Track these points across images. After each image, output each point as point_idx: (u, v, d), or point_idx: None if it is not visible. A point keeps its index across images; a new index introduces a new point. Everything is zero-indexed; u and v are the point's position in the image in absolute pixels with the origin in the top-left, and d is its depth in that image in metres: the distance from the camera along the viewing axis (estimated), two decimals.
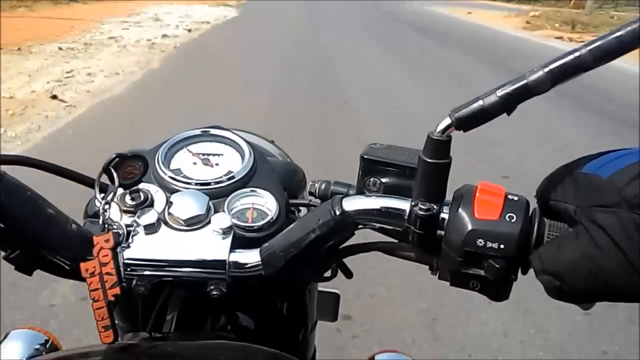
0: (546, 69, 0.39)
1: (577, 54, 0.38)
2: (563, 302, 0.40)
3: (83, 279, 0.47)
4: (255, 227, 0.53)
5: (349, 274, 0.56)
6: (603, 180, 0.38)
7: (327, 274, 0.55)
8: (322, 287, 0.74)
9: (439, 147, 0.42)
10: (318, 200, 0.56)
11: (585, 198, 0.39)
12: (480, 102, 0.41)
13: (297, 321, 0.65)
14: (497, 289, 0.43)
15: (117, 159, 0.50)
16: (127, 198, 0.53)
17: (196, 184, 0.56)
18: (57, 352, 0.61)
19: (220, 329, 0.57)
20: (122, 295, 0.47)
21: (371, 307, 2.05)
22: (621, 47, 0.37)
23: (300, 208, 0.61)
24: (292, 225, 0.50)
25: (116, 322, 0.59)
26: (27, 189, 0.49)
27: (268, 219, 0.54)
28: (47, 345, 0.62)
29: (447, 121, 0.42)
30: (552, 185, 0.42)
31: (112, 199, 0.51)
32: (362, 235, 0.51)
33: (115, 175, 0.50)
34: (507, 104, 0.40)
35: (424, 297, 2.11)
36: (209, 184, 0.56)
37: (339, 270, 0.56)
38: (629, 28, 0.36)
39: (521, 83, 0.40)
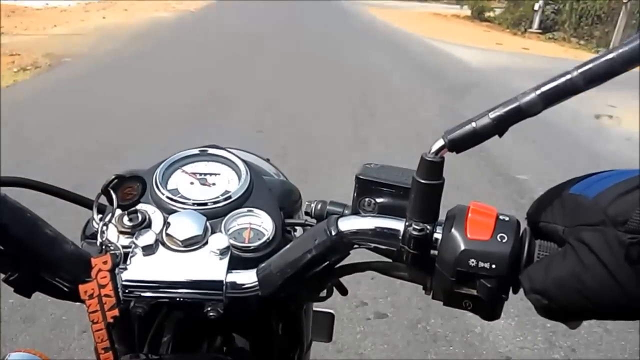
0: (538, 92, 0.40)
1: (568, 76, 0.39)
2: (552, 320, 0.41)
3: (82, 301, 0.48)
4: (252, 247, 0.54)
5: (344, 292, 0.57)
6: (589, 200, 0.39)
7: (323, 293, 0.56)
8: (316, 307, 0.74)
9: (432, 168, 0.43)
10: (314, 220, 0.57)
11: (573, 218, 0.40)
12: (473, 125, 0.42)
13: (293, 342, 0.65)
14: (490, 309, 0.44)
15: (115, 180, 0.50)
16: (125, 219, 0.54)
17: (193, 204, 0.57)
18: None
19: (216, 350, 0.57)
20: (121, 316, 0.48)
21: None
22: (612, 70, 0.38)
23: (297, 228, 0.62)
24: (288, 246, 0.51)
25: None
26: (26, 210, 0.49)
27: (265, 239, 0.55)
28: None
29: (440, 143, 0.43)
30: (541, 207, 0.44)
31: (110, 220, 0.51)
32: (358, 255, 0.52)
33: (114, 196, 0.50)
34: (499, 126, 0.41)
35: None
36: (206, 204, 0.57)
37: (334, 289, 0.57)
38: (619, 51, 0.37)
39: (514, 105, 0.41)
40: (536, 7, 14.29)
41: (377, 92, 6.06)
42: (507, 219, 0.44)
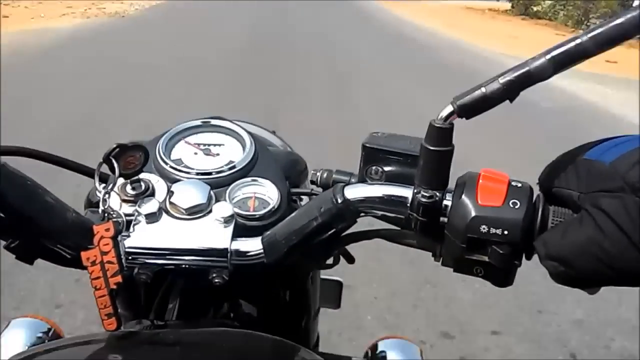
0: (548, 56, 0.39)
1: (578, 40, 0.38)
2: (569, 286, 0.41)
3: (84, 268, 0.47)
4: (257, 216, 0.53)
5: (351, 260, 0.56)
6: (605, 165, 0.38)
7: (330, 261, 0.55)
8: (324, 274, 0.74)
9: (441, 134, 0.42)
10: (320, 189, 0.56)
11: (589, 184, 0.39)
12: (483, 90, 0.40)
13: (300, 308, 0.65)
14: (502, 275, 0.43)
15: (117, 149, 0.50)
16: (128, 188, 0.53)
17: (197, 173, 0.56)
18: (59, 340, 0.61)
19: (223, 317, 0.57)
20: (124, 283, 0.47)
21: None
22: (622, 33, 0.37)
23: (302, 197, 0.61)
24: (294, 214, 0.50)
25: (119, 310, 0.59)
26: (27, 178, 0.48)
27: (270, 207, 0.54)
28: (50, 334, 0.62)
29: (450, 109, 0.42)
30: (554, 173, 0.42)
31: (112, 189, 0.51)
32: (365, 222, 0.51)
33: (115, 165, 0.49)
34: (510, 91, 0.40)
35: None
36: (210, 173, 0.56)
37: (341, 258, 0.56)
38: (629, 15, 0.37)
39: (524, 70, 0.40)
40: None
41: None
42: (519, 185, 0.43)
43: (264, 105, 4.43)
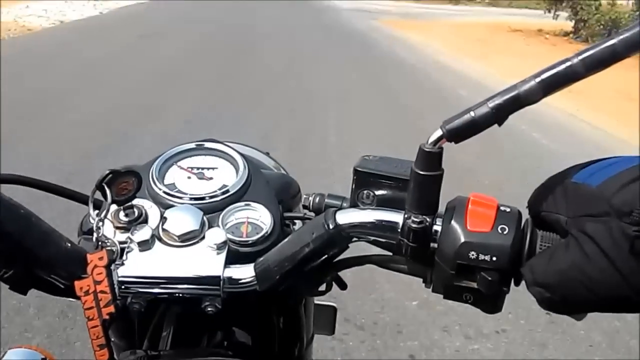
0: (538, 79, 0.39)
1: (568, 63, 0.38)
2: (555, 313, 0.40)
3: (78, 298, 0.47)
4: (250, 242, 0.53)
5: (343, 287, 0.56)
6: (592, 189, 0.38)
7: (322, 287, 0.55)
8: (318, 300, 0.74)
9: (431, 158, 0.42)
10: (312, 214, 0.56)
11: (575, 208, 0.39)
12: (472, 114, 0.41)
13: (294, 336, 0.64)
14: (490, 302, 0.43)
15: (110, 175, 0.50)
16: (121, 214, 0.53)
17: (190, 198, 0.56)
18: None
19: (216, 345, 0.57)
20: (117, 313, 0.47)
21: None
22: (613, 55, 0.37)
23: (295, 221, 0.61)
24: (286, 240, 0.50)
25: (113, 340, 0.59)
26: (20, 207, 0.49)
27: (263, 233, 0.54)
28: None
29: (439, 133, 0.42)
30: (543, 196, 0.42)
31: (105, 216, 0.51)
32: (358, 247, 0.51)
33: (108, 191, 0.50)
34: (499, 115, 0.40)
35: None
36: (203, 198, 0.56)
37: (333, 284, 0.56)
38: (621, 37, 0.36)
39: (513, 94, 0.39)
40: None
41: None
42: (508, 209, 0.43)
43: None
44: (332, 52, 8.48)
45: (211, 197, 0.56)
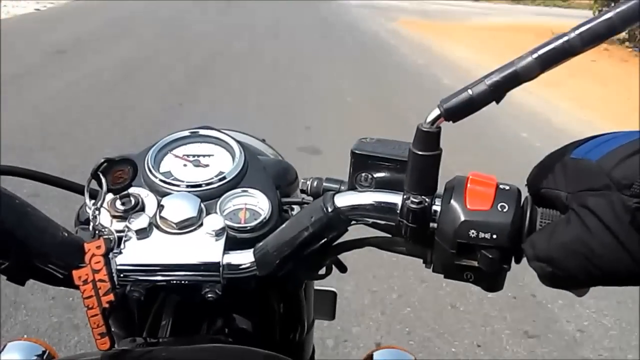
0: (535, 55, 0.39)
1: (565, 38, 0.38)
2: (557, 288, 0.40)
3: (77, 287, 0.47)
4: (248, 228, 0.53)
5: (343, 269, 0.56)
6: (592, 163, 0.38)
7: (322, 271, 0.55)
8: (318, 285, 0.74)
9: (429, 138, 0.42)
10: (310, 198, 0.56)
11: (575, 183, 0.39)
12: (469, 92, 0.40)
13: (294, 321, 0.64)
14: (492, 280, 0.43)
15: (105, 164, 0.49)
16: (118, 203, 0.53)
17: (187, 186, 0.55)
18: None
19: (216, 332, 0.57)
20: (117, 301, 0.47)
21: None
22: (610, 29, 0.37)
23: (293, 206, 0.61)
24: (285, 225, 0.50)
25: (113, 328, 0.59)
26: (15, 198, 0.48)
27: (261, 218, 0.54)
28: (44, 357, 0.62)
29: (436, 112, 0.41)
30: (542, 173, 0.42)
31: (101, 205, 0.50)
32: (357, 230, 0.50)
33: (103, 180, 0.49)
34: (496, 92, 0.40)
35: None
36: (200, 185, 0.56)
37: (333, 267, 0.56)
38: (617, 10, 0.36)
39: (510, 70, 0.39)
40: None
41: None
42: (507, 187, 0.43)
43: None
44: (340, 83, 5.59)
45: (208, 184, 0.56)
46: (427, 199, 0.44)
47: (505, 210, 0.41)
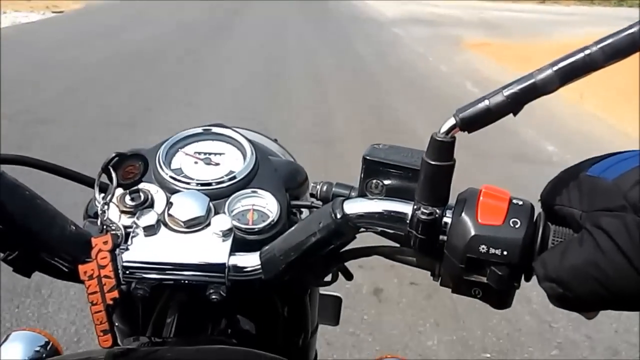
0: (555, 68, 0.38)
1: (587, 51, 0.37)
2: (567, 310, 0.39)
3: (82, 282, 0.47)
4: (256, 230, 0.53)
5: (349, 277, 0.56)
6: (608, 183, 0.37)
7: (328, 278, 0.55)
8: (323, 290, 0.73)
9: (443, 148, 0.41)
10: (320, 202, 0.55)
11: (590, 202, 0.38)
12: (486, 102, 0.39)
13: (298, 326, 0.64)
14: (500, 297, 0.42)
15: (116, 159, 0.49)
16: (127, 198, 0.52)
17: (197, 184, 0.55)
18: (57, 357, 0.61)
19: (220, 333, 0.57)
20: (122, 298, 0.47)
21: None
22: (633, 44, 0.36)
23: (302, 210, 0.60)
24: (292, 229, 0.49)
25: (117, 324, 0.59)
26: (25, 188, 0.48)
27: (269, 221, 0.53)
28: (48, 348, 0.62)
29: (452, 122, 0.41)
30: (556, 190, 0.41)
31: (110, 200, 0.50)
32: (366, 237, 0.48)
33: (114, 174, 0.49)
34: (514, 104, 0.39)
35: None
36: (210, 184, 0.55)
37: (339, 274, 0.55)
38: None
39: (529, 82, 0.38)
40: None
41: None
42: (520, 203, 0.42)
43: None
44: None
45: (218, 182, 0.55)
46: (438, 210, 0.43)
47: (517, 226, 0.40)
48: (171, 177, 0.55)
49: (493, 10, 12.83)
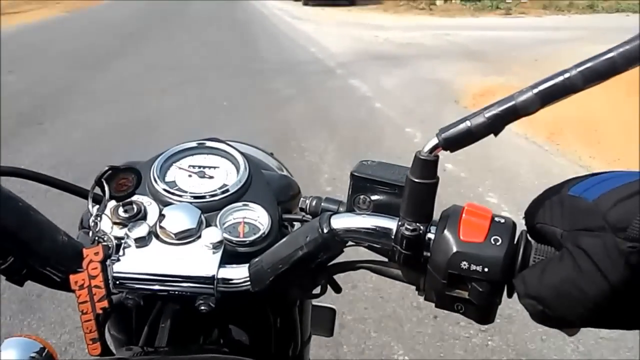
0: (535, 90, 0.38)
1: (567, 75, 0.37)
2: (547, 326, 0.40)
3: (73, 291, 0.48)
4: (247, 242, 0.53)
5: (338, 290, 0.56)
6: (588, 203, 0.37)
7: (316, 290, 0.55)
8: (317, 301, 0.74)
9: (426, 166, 0.42)
10: (310, 217, 0.56)
11: (571, 221, 0.38)
12: (468, 123, 0.40)
13: (289, 336, 0.64)
14: (482, 312, 0.43)
15: (109, 171, 0.50)
16: (120, 210, 0.53)
17: (190, 196, 0.56)
18: None
19: (213, 343, 0.57)
20: (112, 308, 0.47)
21: None
22: (612, 68, 0.36)
23: (294, 223, 0.61)
24: (280, 242, 0.50)
25: (112, 333, 0.59)
26: (18, 199, 0.49)
27: (260, 233, 0.54)
28: (43, 354, 0.62)
29: (434, 141, 0.41)
30: (539, 207, 0.42)
31: (102, 211, 0.51)
32: (354, 251, 0.49)
33: (106, 187, 0.50)
34: (495, 125, 0.40)
35: None
36: (203, 197, 0.56)
37: (328, 287, 0.56)
38: (620, 49, 0.36)
39: (510, 104, 0.39)
40: None
41: None
42: (502, 221, 0.42)
43: None
44: None
45: (211, 195, 0.56)
46: (421, 227, 0.43)
47: (498, 243, 0.41)
48: (164, 189, 0.56)
49: (457, 30, 10.19)
